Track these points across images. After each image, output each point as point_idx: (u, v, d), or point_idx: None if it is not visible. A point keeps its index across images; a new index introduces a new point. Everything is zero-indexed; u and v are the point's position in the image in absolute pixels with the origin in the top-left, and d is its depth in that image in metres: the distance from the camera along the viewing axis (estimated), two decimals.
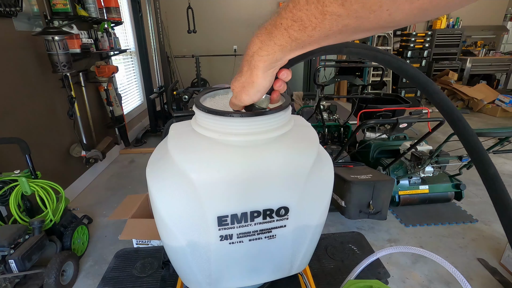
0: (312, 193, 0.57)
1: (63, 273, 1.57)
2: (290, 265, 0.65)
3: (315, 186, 0.57)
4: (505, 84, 6.28)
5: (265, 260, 0.62)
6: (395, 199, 2.24)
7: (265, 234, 0.57)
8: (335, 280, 0.78)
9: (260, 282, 0.70)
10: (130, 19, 4.11)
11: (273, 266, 0.64)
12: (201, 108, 0.51)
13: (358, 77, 3.36)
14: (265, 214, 0.55)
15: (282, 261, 0.64)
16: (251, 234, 0.57)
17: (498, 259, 1.79)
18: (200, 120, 0.53)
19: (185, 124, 0.58)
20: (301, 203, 0.56)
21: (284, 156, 0.52)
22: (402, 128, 1.95)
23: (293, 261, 0.65)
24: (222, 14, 5.76)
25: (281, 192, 0.54)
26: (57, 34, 2.03)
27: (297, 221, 0.58)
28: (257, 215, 0.54)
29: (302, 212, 0.57)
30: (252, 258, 0.60)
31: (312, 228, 0.61)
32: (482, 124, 4.45)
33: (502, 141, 1.86)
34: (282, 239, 0.59)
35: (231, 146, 0.50)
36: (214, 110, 0.50)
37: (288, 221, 0.57)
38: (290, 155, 0.53)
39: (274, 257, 0.62)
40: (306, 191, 0.56)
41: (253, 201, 0.53)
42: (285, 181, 0.53)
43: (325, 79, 5.39)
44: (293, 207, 0.56)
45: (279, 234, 0.58)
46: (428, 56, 5.55)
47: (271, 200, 0.54)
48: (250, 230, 0.56)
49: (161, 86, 4.28)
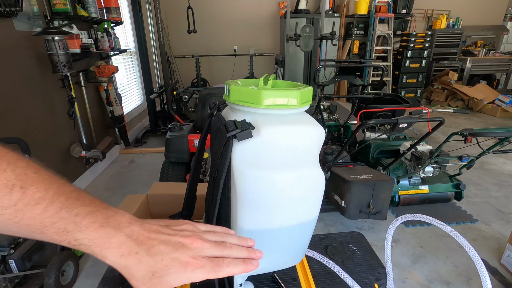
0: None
1: (63, 273, 1.57)
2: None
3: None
4: (505, 84, 6.28)
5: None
6: (395, 199, 2.24)
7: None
8: (335, 280, 0.78)
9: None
10: (130, 19, 4.12)
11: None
12: None
13: (358, 77, 3.35)
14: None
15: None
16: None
17: (498, 259, 1.79)
18: None
19: None
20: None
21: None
22: (402, 128, 1.94)
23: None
24: (222, 14, 5.76)
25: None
26: (57, 34, 2.03)
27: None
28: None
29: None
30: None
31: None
32: (482, 124, 4.45)
33: (502, 141, 1.86)
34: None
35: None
36: None
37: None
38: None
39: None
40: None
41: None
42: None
43: (325, 79, 5.39)
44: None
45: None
46: (428, 56, 5.55)
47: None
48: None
49: (161, 86, 4.28)
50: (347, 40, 5.92)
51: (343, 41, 5.97)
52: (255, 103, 0.49)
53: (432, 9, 6.13)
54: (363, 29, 5.89)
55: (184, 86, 5.54)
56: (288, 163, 0.50)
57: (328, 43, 4.96)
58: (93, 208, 0.32)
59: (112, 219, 0.32)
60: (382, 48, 5.87)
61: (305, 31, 4.07)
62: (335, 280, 0.78)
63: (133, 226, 0.33)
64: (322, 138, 0.52)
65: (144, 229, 0.33)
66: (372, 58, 5.72)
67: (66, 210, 0.30)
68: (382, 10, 5.65)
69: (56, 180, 0.31)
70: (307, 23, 5.14)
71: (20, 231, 0.30)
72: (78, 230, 0.30)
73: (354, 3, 5.66)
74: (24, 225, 0.29)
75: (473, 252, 0.47)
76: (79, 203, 0.31)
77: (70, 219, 0.30)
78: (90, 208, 0.32)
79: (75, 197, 0.32)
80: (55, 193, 0.30)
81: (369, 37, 5.74)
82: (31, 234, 0.30)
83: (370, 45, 5.76)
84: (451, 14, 6.13)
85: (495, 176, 2.83)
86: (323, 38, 4.21)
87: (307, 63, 5.70)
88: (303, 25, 4.19)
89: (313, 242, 0.94)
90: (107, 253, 0.31)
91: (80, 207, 0.31)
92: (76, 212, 0.31)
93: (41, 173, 0.30)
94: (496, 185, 2.67)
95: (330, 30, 4.20)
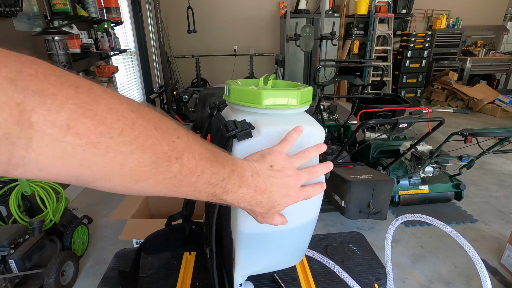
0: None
1: (63, 273, 1.57)
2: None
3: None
4: (505, 84, 6.28)
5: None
6: (395, 199, 2.24)
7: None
8: (335, 280, 0.78)
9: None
10: (130, 19, 4.12)
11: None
12: None
13: (358, 77, 3.34)
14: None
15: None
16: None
17: (498, 259, 1.79)
18: None
19: None
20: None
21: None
22: (402, 128, 1.94)
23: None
24: (222, 14, 5.76)
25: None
26: (57, 34, 2.03)
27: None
28: None
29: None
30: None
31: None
32: (482, 124, 4.45)
33: (502, 141, 1.86)
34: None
35: None
36: None
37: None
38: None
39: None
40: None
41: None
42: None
43: (325, 79, 5.39)
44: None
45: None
46: (428, 56, 5.55)
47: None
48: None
49: (161, 86, 4.28)
50: (347, 40, 5.92)
51: (343, 41, 5.97)
52: (255, 103, 0.49)
53: (432, 9, 6.13)
54: (363, 29, 5.89)
55: (184, 86, 5.54)
56: None
57: (328, 43, 4.96)
58: (230, 168, 0.37)
59: (244, 178, 0.38)
60: (382, 48, 5.87)
61: (305, 31, 4.07)
62: (335, 280, 0.78)
63: (256, 178, 0.40)
64: (322, 138, 0.52)
65: (263, 178, 0.40)
66: (372, 58, 5.72)
67: (215, 177, 0.34)
68: (382, 10, 5.65)
69: (195, 141, 0.33)
70: (307, 23, 5.14)
71: (174, 195, 0.33)
72: (223, 193, 0.37)
73: (354, 3, 5.66)
74: (180, 192, 0.33)
75: (473, 252, 0.47)
76: (220, 165, 0.35)
77: (218, 184, 0.35)
78: (229, 169, 0.36)
79: (215, 159, 0.35)
80: (202, 159, 0.32)
81: (369, 37, 5.74)
82: (185, 196, 0.34)
83: (370, 45, 5.76)
84: (451, 14, 6.13)
85: (495, 176, 2.83)
86: (323, 38, 4.22)
87: (307, 63, 5.70)
88: (303, 25, 4.19)
89: (313, 242, 0.94)
90: (241, 204, 0.40)
91: (222, 169, 0.35)
92: (222, 177, 0.35)
93: (183, 139, 0.31)
94: (496, 185, 2.67)
95: (330, 30, 4.20)
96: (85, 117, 0.22)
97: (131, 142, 0.25)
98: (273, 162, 0.42)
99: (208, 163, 0.33)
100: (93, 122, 0.23)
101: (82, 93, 0.23)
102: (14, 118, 0.19)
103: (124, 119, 0.25)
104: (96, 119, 0.23)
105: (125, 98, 0.27)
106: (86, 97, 0.23)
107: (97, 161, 0.24)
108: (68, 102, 0.22)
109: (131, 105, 0.27)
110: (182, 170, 0.30)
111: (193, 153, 0.31)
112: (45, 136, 0.21)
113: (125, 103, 0.26)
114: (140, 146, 0.26)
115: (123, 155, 0.25)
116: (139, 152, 0.26)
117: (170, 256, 0.90)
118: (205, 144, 0.35)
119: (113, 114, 0.24)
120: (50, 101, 0.21)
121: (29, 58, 0.21)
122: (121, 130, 0.24)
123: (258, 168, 0.41)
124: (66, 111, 0.21)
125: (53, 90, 0.21)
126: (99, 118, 0.23)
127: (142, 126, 0.26)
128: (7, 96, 0.19)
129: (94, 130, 0.23)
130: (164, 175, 0.29)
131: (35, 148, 0.21)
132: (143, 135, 0.26)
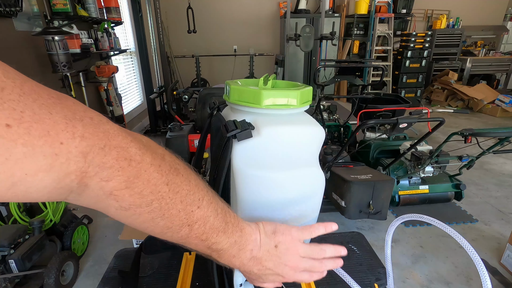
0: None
1: (63, 273, 1.57)
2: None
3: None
4: (505, 84, 6.28)
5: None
6: (395, 199, 2.24)
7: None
8: (335, 280, 0.78)
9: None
10: (130, 19, 4.12)
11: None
12: None
13: (358, 77, 3.35)
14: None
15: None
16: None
17: (498, 259, 1.79)
18: None
19: None
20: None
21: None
22: (402, 128, 1.94)
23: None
24: (222, 14, 5.76)
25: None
26: (57, 34, 2.03)
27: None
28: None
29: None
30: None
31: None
32: (482, 124, 4.45)
33: (502, 141, 1.86)
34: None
35: None
36: None
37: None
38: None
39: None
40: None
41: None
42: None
43: (325, 79, 5.39)
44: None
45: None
46: (428, 56, 5.55)
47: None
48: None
49: (161, 86, 4.28)
50: (347, 40, 5.92)
51: (343, 41, 5.97)
52: (255, 103, 0.49)
53: (432, 9, 6.13)
54: (363, 29, 5.89)
55: (184, 86, 5.54)
56: (288, 163, 0.50)
57: (328, 43, 4.96)
58: (234, 239, 0.39)
59: (242, 251, 0.40)
60: (382, 48, 5.87)
61: (305, 31, 4.07)
62: (335, 280, 0.78)
63: (254, 253, 0.41)
64: (322, 138, 0.52)
65: (261, 254, 0.42)
66: (372, 58, 5.72)
67: (215, 245, 0.37)
68: (382, 10, 5.65)
69: (213, 210, 0.36)
70: (307, 23, 5.14)
71: (173, 241, 0.37)
72: (218, 257, 0.40)
73: (354, 3, 5.66)
74: (180, 242, 0.37)
75: (473, 252, 0.47)
76: (225, 236, 0.38)
77: (216, 250, 0.38)
78: (233, 240, 0.38)
79: (224, 230, 0.37)
80: (211, 229, 0.36)
81: (369, 37, 5.74)
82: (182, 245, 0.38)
83: (370, 45, 5.76)
84: (451, 14, 6.13)
85: (495, 176, 2.83)
86: (323, 38, 4.21)
87: (307, 63, 5.70)
88: (303, 25, 4.19)
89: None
90: (232, 266, 0.42)
91: (226, 239, 0.38)
92: (222, 247, 0.38)
93: (202, 209, 0.35)
94: (496, 185, 2.67)
95: (330, 30, 4.20)
96: (126, 188, 0.28)
97: (155, 211, 0.30)
98: (281, 243, 0.43)
99: (215, 233, 0.36)
100: (131, 193, 0.28)
101: (131, 166, 0.28)
102: (77, 179, 0.25)
103: (156, 193, 0.30)
104: (134, 191, 0.28)
105: (167, 168, 0.31)
106: (132, 170, 0.28)
107: (122, 218, 0.31)
108: (118, 174, 0.27)
109: (168, 177, 0.31)
110: (190, 234, 0.34)
111: (205, 223, 0.35)
112: (92, 194, 0.27)
113: (164, 176, 0.31)
114: (161, 215, 0.31)
115: (144, 218, 0.31)
116: (158, 219, 0.31)
117: (170, 256, 0.90)
118: (222, 212, 0.37)
119: (149, 187, 0.29)
120: (105, 174, 0.26)
121: (104, 129, 0.26)
122: (151, 201, 0.30)
123: (261, 243, 0.41)
124: (114, 182, 0.27)
125: (111, 163, 0.26)
126: (136, 190, 0.29)
127: (169, 199, 0.31)
128: (77, 167, 0.25)
129: (128, 199, 0.29)
130: (172, 234, 0.34)
131: (85, 198, 0.28)
132: (167, 206, 0.31)
